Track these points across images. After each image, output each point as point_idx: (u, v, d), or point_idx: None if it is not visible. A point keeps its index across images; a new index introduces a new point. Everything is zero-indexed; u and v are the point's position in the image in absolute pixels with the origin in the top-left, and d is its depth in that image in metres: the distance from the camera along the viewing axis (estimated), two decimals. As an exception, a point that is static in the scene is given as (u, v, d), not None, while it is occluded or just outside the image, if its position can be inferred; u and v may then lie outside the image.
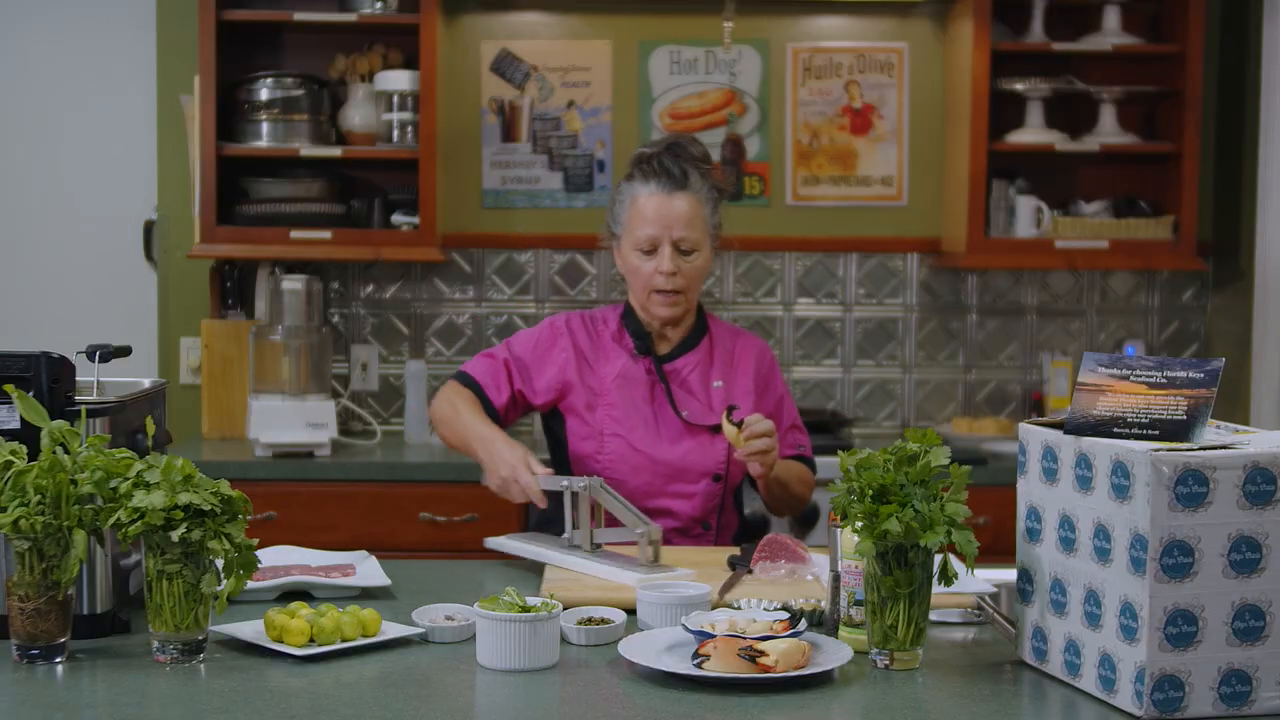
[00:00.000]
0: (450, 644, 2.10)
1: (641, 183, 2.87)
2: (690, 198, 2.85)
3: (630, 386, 2.89)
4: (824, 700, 1.87)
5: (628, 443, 2.85)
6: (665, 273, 2.84)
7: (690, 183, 2.86)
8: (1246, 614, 1.78)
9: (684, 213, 2.84)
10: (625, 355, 2.92)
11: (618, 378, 2.89)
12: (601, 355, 2.92)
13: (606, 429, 2.86)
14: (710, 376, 2.94)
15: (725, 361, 2.96)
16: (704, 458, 2.86)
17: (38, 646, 1.99)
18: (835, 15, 4.37)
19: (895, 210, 4.40)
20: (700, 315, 2.98)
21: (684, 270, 2.85)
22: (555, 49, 4.35)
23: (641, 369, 2.91)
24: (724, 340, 2.98)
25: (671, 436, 2.87)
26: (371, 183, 4.30)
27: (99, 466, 1.99)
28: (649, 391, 2.90)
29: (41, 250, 4.41)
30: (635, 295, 2.91)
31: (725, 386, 2.93)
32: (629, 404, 2.87)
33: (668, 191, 2.85)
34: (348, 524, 3.75)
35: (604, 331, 2.94)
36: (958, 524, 1.93)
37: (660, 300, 2.86)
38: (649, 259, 2.85)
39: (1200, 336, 4.44)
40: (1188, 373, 1.87)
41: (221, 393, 4.18)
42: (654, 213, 2.84)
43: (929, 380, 4.43)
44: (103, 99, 4.38)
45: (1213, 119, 4.36)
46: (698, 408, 2.90)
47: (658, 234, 2.83)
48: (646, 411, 2.88)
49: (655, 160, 2.88)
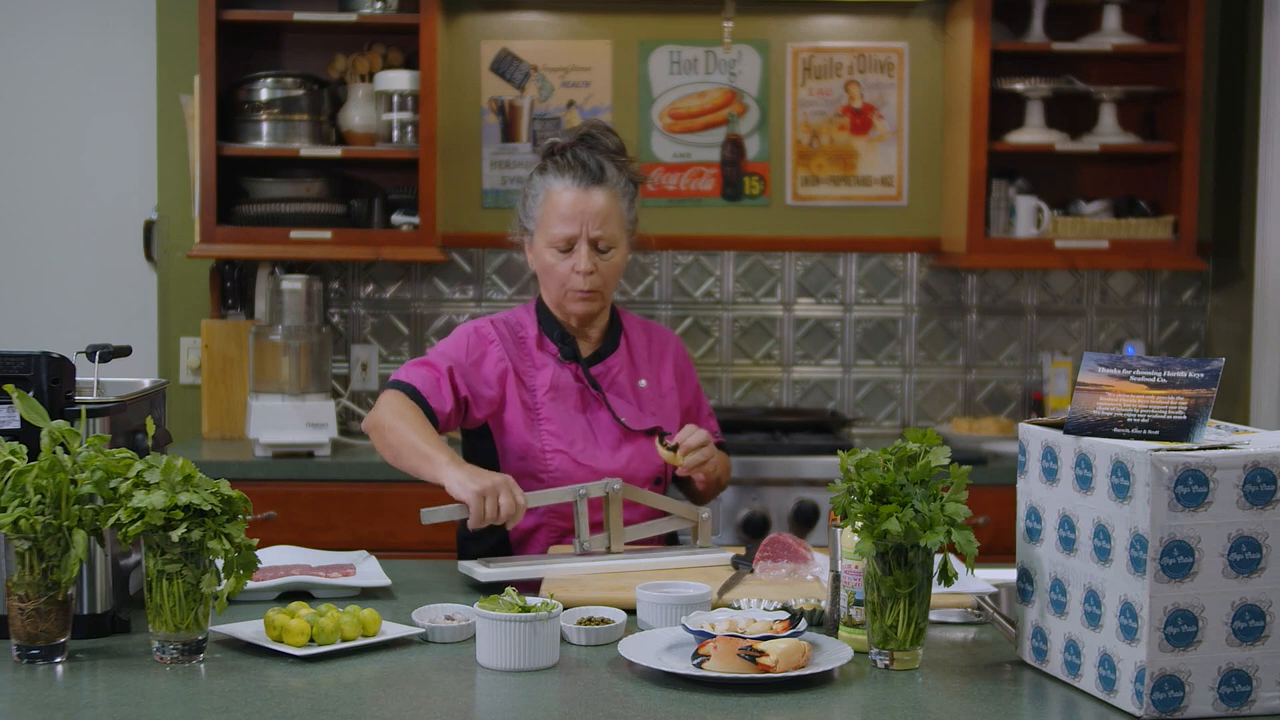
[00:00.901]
0: (450, 644, 2.10)
1: (556, 176, 2.75)
2: (607, 193, 2.74)
3: (563, 397, 2.76)
4: (824, 700, 1.87)
5: (570, 458, 2.73)
6: (583, 272, 2.72)
7: (607, 176, 2.74)
8: (1246, 614, 1.78)
9: (601, 209, 2.72)
10: (551, 362, 2.79)
11: (550, 389, 2.76)
12: (530, 364, 2.78)
13: (548, 446, 2.73)
14: (635, 376, 2.84)
15: (645, 359, 2.87)
16: (645, 464, 2.77)
17: (38, 646, 1.99)
18: (835, 15, 4.37)
19: (895, 210, 4.40)
20: (613, 311, 2.88)
21: (601, 269, 2.73)
22: (555, 49, 4.35)
23: (569, 375, 2.78)
24: (639, 337, 2.89)
25: (611, 445, 2.76)
26: (371, 183, 4.30)
27: (99, 466, 1.99)
28: (580, 399, 2.78)
29: (41, 250, 4.41)
30: (550, 294, 2.79)
31: (650, 386, 2.84)
32: (565, 416, 2.75)
33: (584, 186, 2.73)
34: (348, 524, 3.75)
35: (526, 338, 2.80)
36: (958, 524, 1.93)
37: (576, 297, 2.74)
38: (565, 257, 2.73)
39: (1200, 336, 4.44)
40: (1188, 373, 1.87)
41: (221, 393, 4.19)
42: (570, 209, 2.72)
43: (929, 380, 4.43)
44: (103, 99, 4.38)
45: (1213, 119, 4.36)
46: (630, 410, 2.80)
47: (574, 232, 2.71)
48: (583, 422, 2.76)
49: (569, 152, 2.75)
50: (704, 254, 4.39)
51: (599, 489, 2.55)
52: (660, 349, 2.90)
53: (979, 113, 4.06)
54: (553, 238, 2.74)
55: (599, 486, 2.55)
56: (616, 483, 2.55)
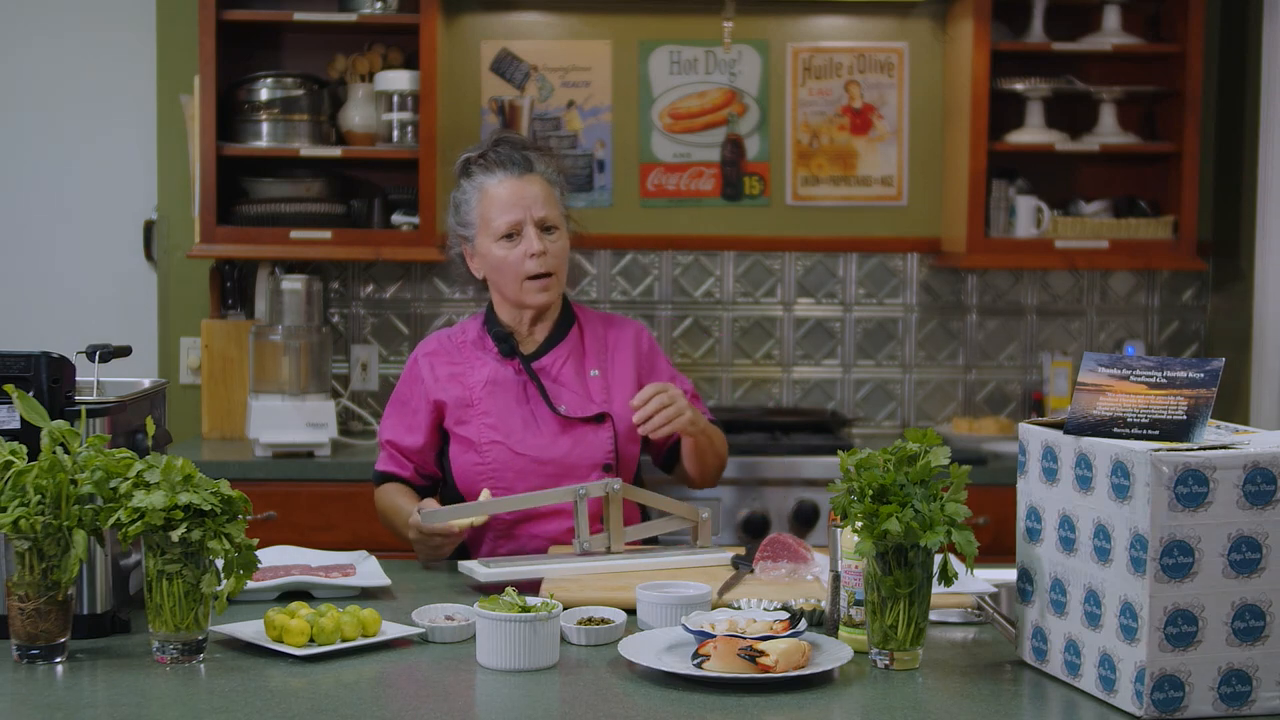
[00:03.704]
0: (450, 644, 2.10)
1: (486, 174, 2.80)
2: (539, 178, 2.80)
3: (501, 390, 2.81)
4: (824, 700, 1.87)
5: (507, 448, 2.77)
6: (535, 253, 2.75)
7: (535, 165, 2.81)
8: (1246, 614, 1.78)
9: (538, 192, 2.78)
10: (491, 360, 2.84)
11: (487, 384, 2.81)
12: (465, 365, 2.84)
13: (484, 438, 2.78)
14: (585, 366, 2.86)
15: (599, 350, 2.89)
16: (591, 450, 2.79)
17: (38, 646, 1.99)
18: (835, 15, 4.37)
19: (895, 210, 4.40)
20: (566, 306, 2.90)
21: (551, 250, 2.78)
22: (555, 49, 4.35)
23: (510, 370, 2.83)
24: (595, 328, 2.91)
25: (552, 433, 2.79)
26: (371, 183, 4.30)
27: (99, 466, 1.99)
28: (522, 392, 2.82)
29: (41, 250, 4.41)
30: (506, 290, 2.81)
31: (603, 375, 2.86)
32: (503, 408, 2.80)
33: (516, 175, 2.79)
34: (348, 524, 3.74)
35: (463, 342, 2.87)
36: (958, 524, 1.93)
37: (534, 286, 2.78)
38: (513, 245, 2.76)
39: (1200, 336, 4.44)
40: (1188, 373, 1.87)
41: (221, 393, 4.19)
42: (510, 196, 2.77)
43: (929, 380, 4.43)
44: (103, 99, 4.38)
45: (1213, 119, 4.36)
46: (574, 400, 2.82)
47: (518, 216, 2.76)
48: (523, 412, 2.80)
49: (489, 154, 2.81)
50: (704, 254, 4.39)
51: (599, 489, 2.55)
52: (617, 339, 2.91)
53: (979, 113, 4.06)
54: (496, 229, 2.77)
55: (599, 486, 2.55)
56: (616, 483, 2.55)
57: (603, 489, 2.55)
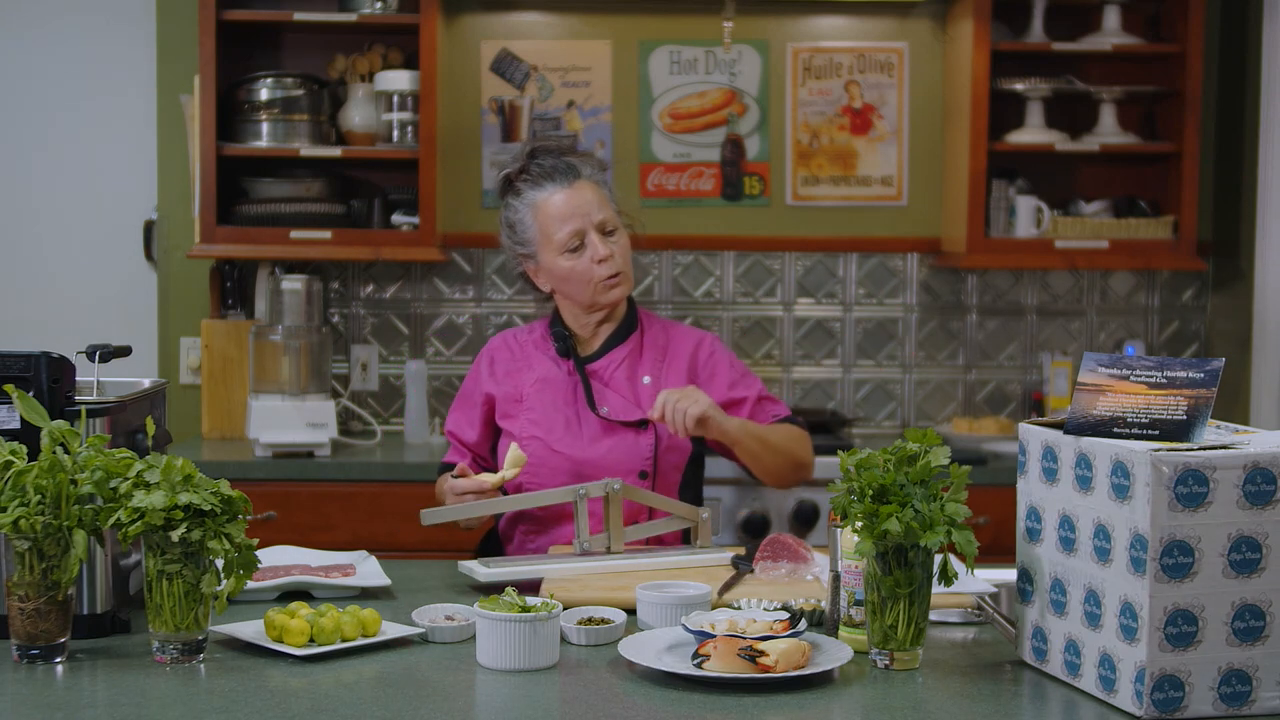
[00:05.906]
0: (450, 644, 2.10)
1: (534, 189, 2.81)
2: (587, 183, 2.81)
3: (551, 389, 2.84)
4: (824, 700, 1.87)
5: (546, 444, 2.80)
6: (602, 258, 2.77)
7: (580, 170, 2.82)
8: (1246, 614, 1.78)
9: (591, 197, 2.80)
10: (548, 360, 2.87)
11: (538, 382, 2.85)
12: (523, 363, 2.88)
13: (525, 433, 2.81)
14: (639, 372, 2.87)
15: (656, 357, 2.89)
16: (628, 455, 2.79)
17: (38, 646, 1.99)
18: (835, 15, 4.37)
19: (895, 210, 4.40)
20: (632, 311, 2.91)
21: (616, 251, 2.80)
22: (555, 49, 4.35)
23: (564, 371, 2.86)
24: (656, 336, 2.91)
25: (592, 435, 2.80)
26: (371, 183, 4.30)
27: (99, 466, 1.99)
28: (570, 392, 2.84)
29: (41, 250, 4.41)
30: (579, 297, 2.83)
31: (655, 382, 2.87)
32: (548, 406, 2.82)
33: (566, 185, 2.79)
34: (348, 524, 3.75)
35: (526, 340, 2.91)
36: (958, 524, 1.93)
37: (607, 287, 2.80)
38: (579, 255, 2.78)
39: (1200, 336, 4.44)
40: (1188, 373, 1.87)
41: (221, 393, 4.19)
42: (565, 208, 2.78)
43: (929, 380, 4.43)
44: (103, 99, 4.38)
45: (1213, 119, 4.36)
46: (621, 404, 2.83)
47: (579, 225, 2.77)
48: (568, 412, 2.82)
49: (532, 168, 2.82)
50: (704, 254, 4.39)
51: (599, 489, 2.55)
52: (677, 348, 2.91)
53: (979, 113, 4.06)
54: (560, 242, 2.78)
55: (599, 486, 2.55)
56: (617, 483, 2.55)
57: (603, 489, 2.55)
